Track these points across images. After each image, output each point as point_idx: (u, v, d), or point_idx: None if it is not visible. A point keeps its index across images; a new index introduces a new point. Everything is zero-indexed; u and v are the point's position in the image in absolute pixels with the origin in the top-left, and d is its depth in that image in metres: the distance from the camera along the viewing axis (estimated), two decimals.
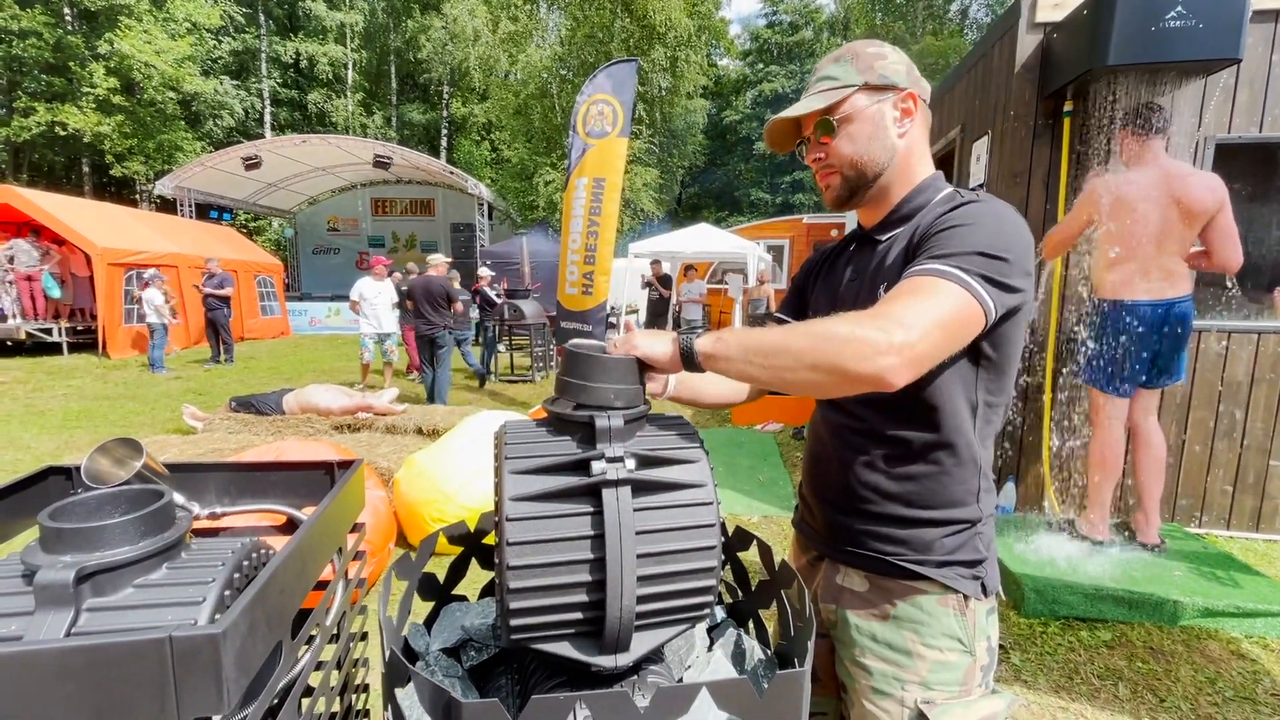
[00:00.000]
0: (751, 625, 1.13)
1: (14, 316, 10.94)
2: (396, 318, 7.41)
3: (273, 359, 11.12)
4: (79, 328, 11.57)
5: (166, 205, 19.30)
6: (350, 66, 25.98)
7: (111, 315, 10.57)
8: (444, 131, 27.49)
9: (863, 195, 1.02)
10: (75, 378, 8.80)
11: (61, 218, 10.54)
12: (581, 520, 0.79)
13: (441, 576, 1.16)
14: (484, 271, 9.22)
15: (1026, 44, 3.23)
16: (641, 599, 0.79)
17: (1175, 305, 2.75)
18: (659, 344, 0.90)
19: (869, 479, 1.01)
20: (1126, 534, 3.11)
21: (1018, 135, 3.33)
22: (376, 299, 6.85)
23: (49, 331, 11.06)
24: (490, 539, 1.19)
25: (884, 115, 0.98)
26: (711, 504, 0.86)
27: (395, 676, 0.78)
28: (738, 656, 1.03)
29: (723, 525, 1.02)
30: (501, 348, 8.86)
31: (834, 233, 12.72)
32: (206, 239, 14.21)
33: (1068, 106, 3.17)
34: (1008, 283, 0.85)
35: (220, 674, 0.57)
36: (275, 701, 0.79)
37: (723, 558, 0.90)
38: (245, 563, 0.81)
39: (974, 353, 0.93)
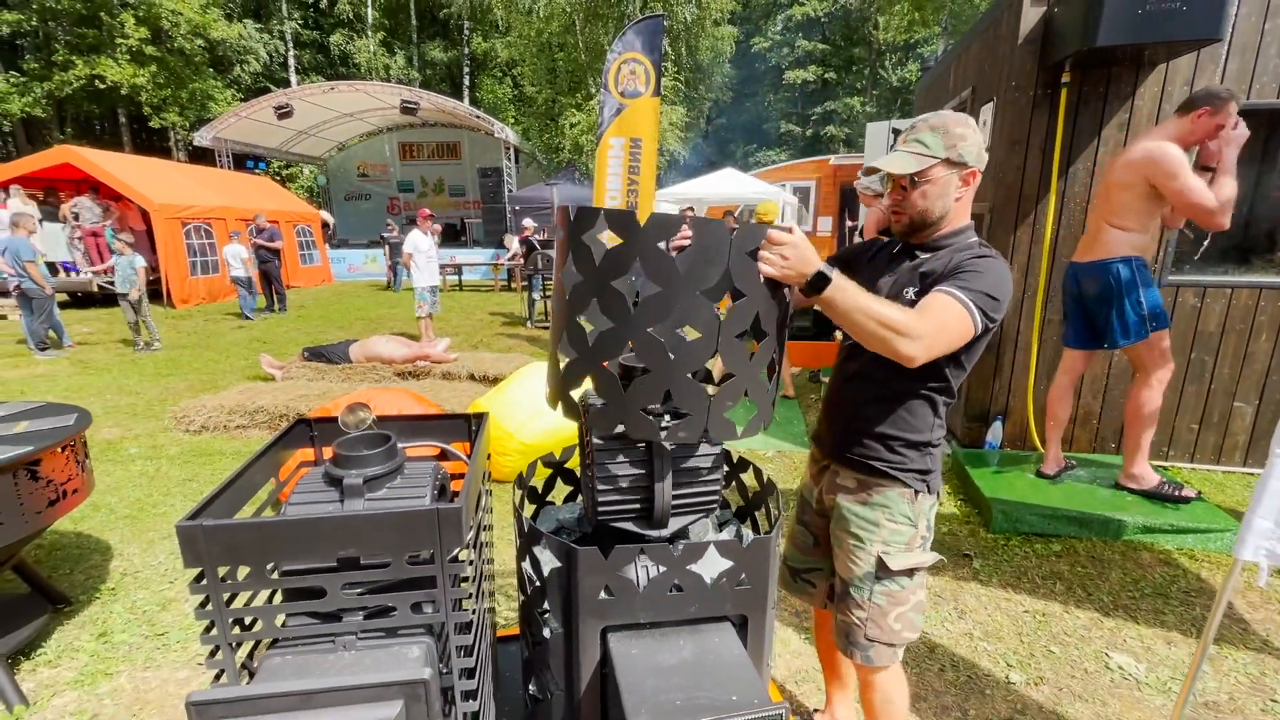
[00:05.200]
0: (749, 521, 1.66)
1: (85, 271, 11.77)
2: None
3: (322, 307, 11.84)
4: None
5: (197, 154, 19.83)
6: (370, 4, 25.54)
7: (175, 267, 11.30)
8: (465, 69, 27.13)
9: (918, 233, 1.45)
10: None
11: (118, 175, 11.16)
12: (641, 461, 1.30)
13: (540, 489, 1.71)
14: (528, 222, 9.81)
15: (1030, 17, 3.43)
16: (675, 499, 1.32)
17: (1078, 268, 3.07)
18: (808, 261, 1.17)
19: (867, 412, 1.48)
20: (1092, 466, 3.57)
21: (1019, 104, 3.58)
22: (430, 251, 7.30)
23: (114, 284, 11.90)
24: (572, 464, 1.72)
25: (950, 184, 1.37)
26: (717, 454, 1.36)
27: (533, 539, 1.33)
28: (738, 538, 1.57)
29: (728, 456, 1.54)
30: (536, 296, 9.36)
31: (860, 174, 12.67)
32: (247, 190, 14.77)
33: (1065, 78, 3.40)
34: (993, 315, 1.31)
35: (462, 527, 1.11)
36: (469, 543, 1.35)
37: (724, 481, 1.41)
38: (439, 476, 1.36)
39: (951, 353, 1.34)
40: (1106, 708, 2.06)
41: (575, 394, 1.29)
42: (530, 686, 1.45)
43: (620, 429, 1.18)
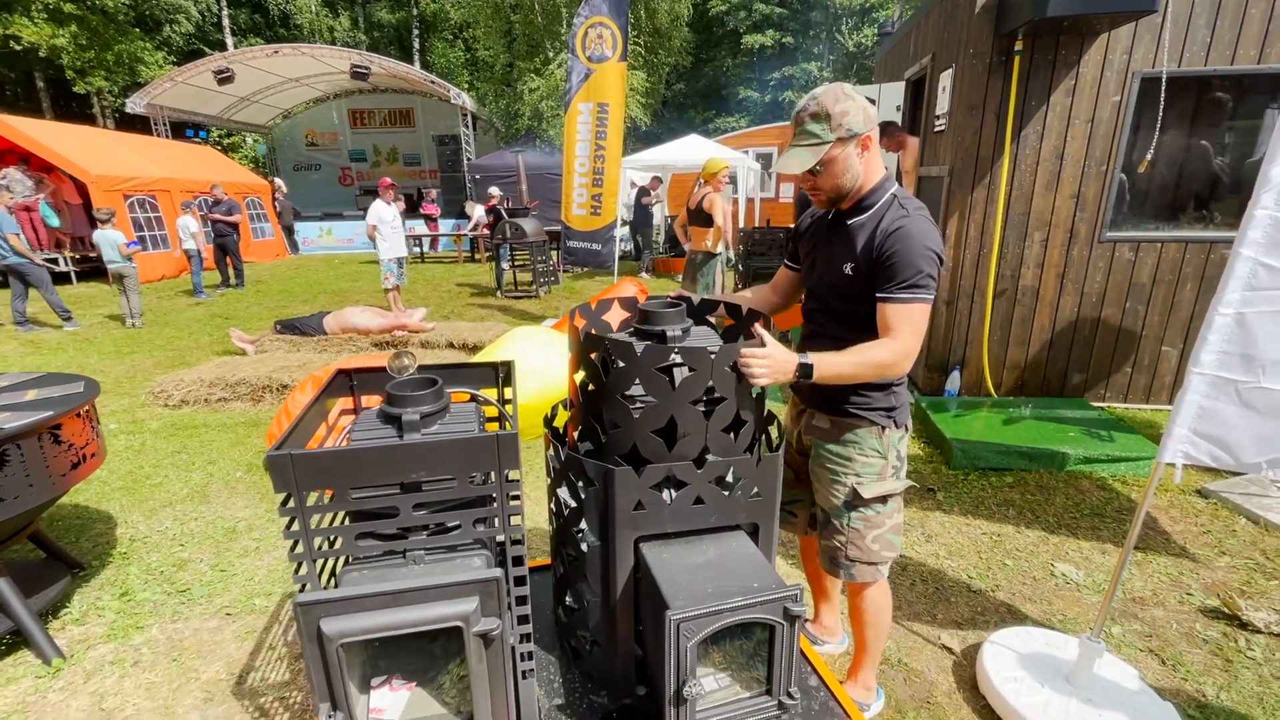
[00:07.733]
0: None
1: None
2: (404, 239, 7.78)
3: (280, 281, 11.51)
4: (78, 256, 11.76)
5: (126, 122, 18.63)
6: None
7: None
8: (415, 31, 26.07)
9: (840, 201, 1.61)
10: (99, 306, 9.24)
11: (50, 144, 10.51)
12: None
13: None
14: (494, 190, 9.72)
15: None
16: None
17: None
18: (787, 363, 1.40)
19: None
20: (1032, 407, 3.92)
21: (976, 70, 3.80)
22: (395, 222, 7.18)
23: (55, 261, 11.28)
24: None
25: (851, 157, 1.52)
26: None
27: (571, 466, 1.49)
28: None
29: None
30: (505, 265, 9.34)
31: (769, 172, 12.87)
32: (189, 160, 14.08)
33: (1018, 46, 3.63)
34: (934, 280, 1.49)
35: (517, 449, 1.26)
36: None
37: None
38: (480, 415, 1.50)
39: None
40: (1052, 606, 2.38)
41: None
42: (566, 598, 1.63)
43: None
